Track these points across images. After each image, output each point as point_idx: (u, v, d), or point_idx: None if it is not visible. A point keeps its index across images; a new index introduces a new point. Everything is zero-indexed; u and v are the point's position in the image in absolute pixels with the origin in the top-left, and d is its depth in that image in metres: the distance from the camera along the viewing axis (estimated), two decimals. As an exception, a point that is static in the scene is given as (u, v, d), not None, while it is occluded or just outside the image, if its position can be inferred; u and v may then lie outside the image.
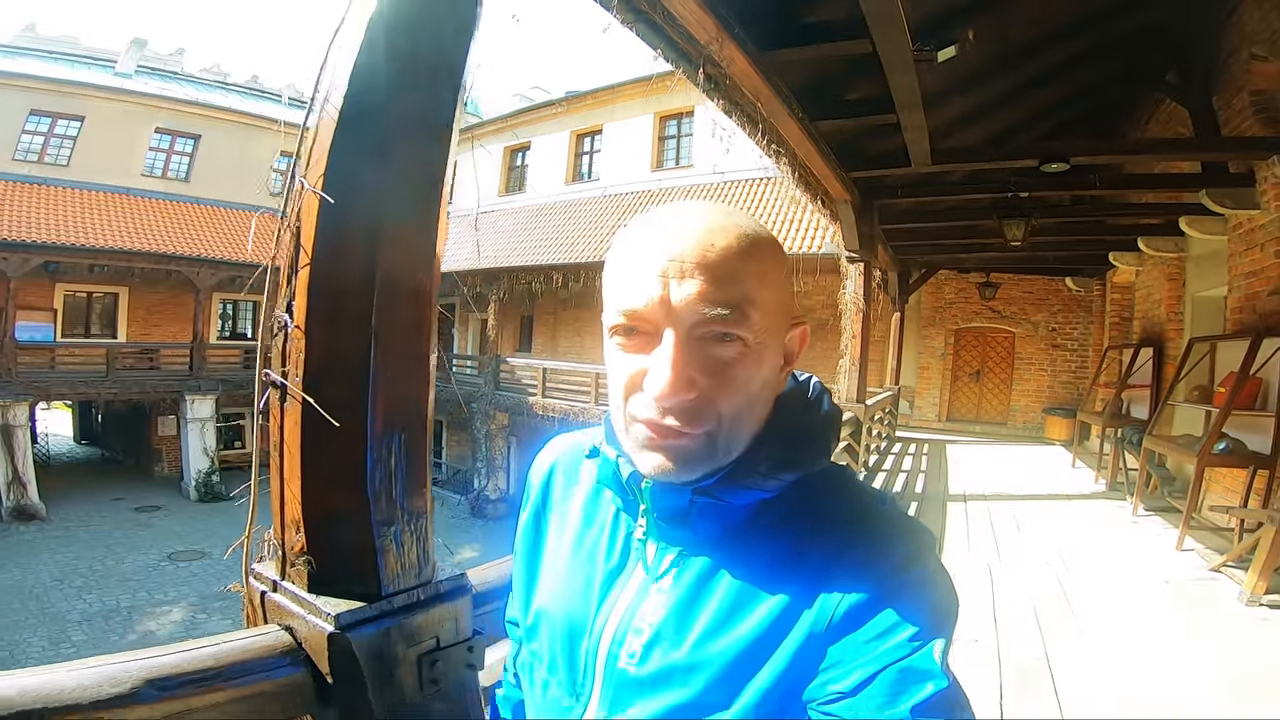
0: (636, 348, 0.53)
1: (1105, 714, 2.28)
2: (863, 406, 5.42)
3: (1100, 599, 3.36)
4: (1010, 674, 2.54)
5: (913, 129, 3.73)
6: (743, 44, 2.62)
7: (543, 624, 0.64)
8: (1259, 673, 2.60)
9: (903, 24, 2.63)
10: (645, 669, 0.55)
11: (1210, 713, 2.28)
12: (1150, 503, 5.04)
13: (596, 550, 0.63)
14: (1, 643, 8.08)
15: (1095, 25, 4.77)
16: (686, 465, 0.53)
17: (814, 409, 0.60)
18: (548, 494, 0.70)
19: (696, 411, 0.51)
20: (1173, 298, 6.19)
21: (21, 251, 12.52)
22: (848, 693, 0.48)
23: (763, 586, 0.53)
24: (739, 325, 0.50)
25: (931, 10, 3.20)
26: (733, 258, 0.50)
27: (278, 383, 0.85)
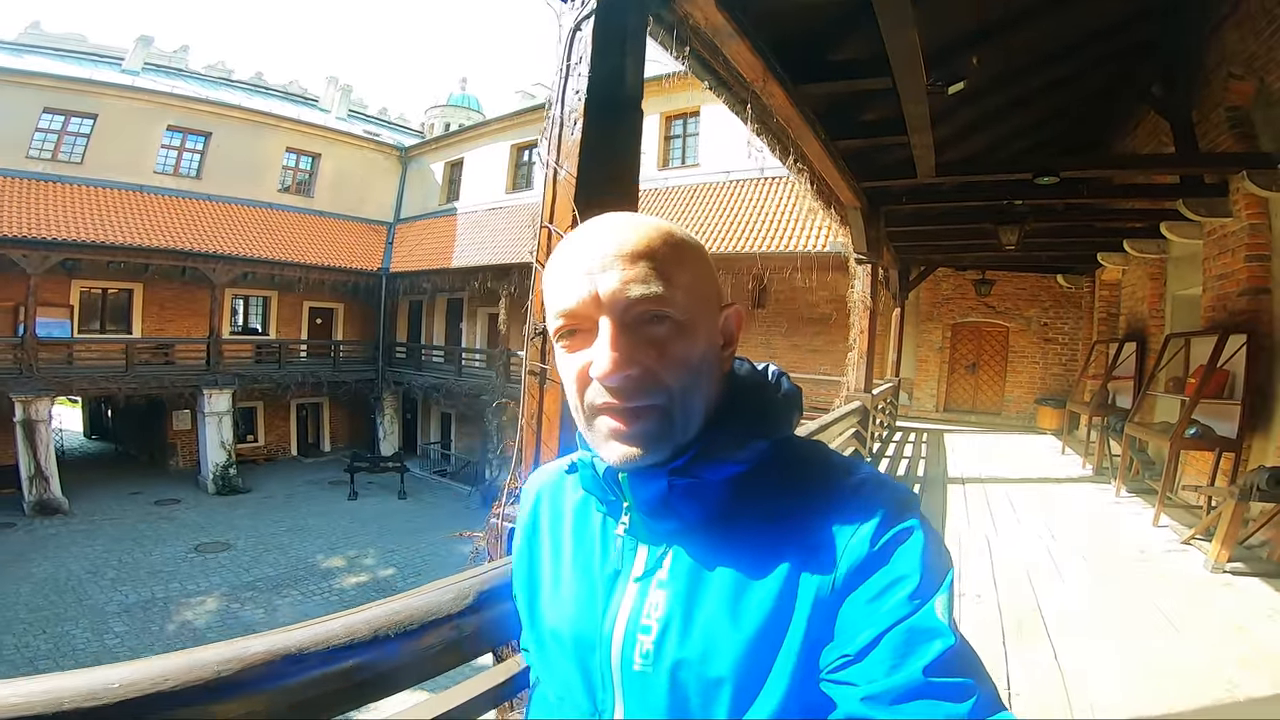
0: (579, 346, 0.57)
1: (1088, 653, 2.72)
2: (869, 395, 5.88)
3: (1084, 566, 3.82)
4: (1009, 623, 2.98)
5: (920, 147, 4.15)
6: (781, 80, 3.03)
7: (552, 647, 0.64)
8: (1219, 627, 3.05)
9: (921, 65, 3.05)
10: (661, 666, 0.55)
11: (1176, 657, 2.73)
12: (1132, 485, 5.52)
13: (591, 562, 0.64)
14: (47, 635, 8.38)
15: (1089, 45, 5.18)
16: (648, 444, 0.56)
17: (773, 388, 0.64)
18: (536, 524, 0.72)
19: (642, 386, 0.54)
20: (1155, 296, 6.67)
21: (43, 249, 12.82)
22: (854, 656, 0.49)
23: (759, 561, 0.55)
24: (664, 304, 0.54)
25: (943, 40, 3.62)
26: (650, 247, 0.55)
27: (537, 370, 1.26)
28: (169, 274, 15.37)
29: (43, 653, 7.95)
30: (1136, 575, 3.70)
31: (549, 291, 0.58)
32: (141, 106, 16.09)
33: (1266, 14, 4.46)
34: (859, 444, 5.73)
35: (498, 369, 14.61)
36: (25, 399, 12.48)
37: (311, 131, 19.15)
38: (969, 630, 2.45)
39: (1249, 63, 4.72)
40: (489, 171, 17.99)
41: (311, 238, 17.54)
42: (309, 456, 18.73)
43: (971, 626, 2.91)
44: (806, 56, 3.13)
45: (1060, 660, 2.62)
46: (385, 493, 15.45)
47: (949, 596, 0.51)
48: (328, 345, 18.33)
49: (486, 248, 15.52)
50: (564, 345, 0.58)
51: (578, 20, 1.40)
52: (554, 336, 0.58)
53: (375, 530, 12.98)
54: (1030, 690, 2.37)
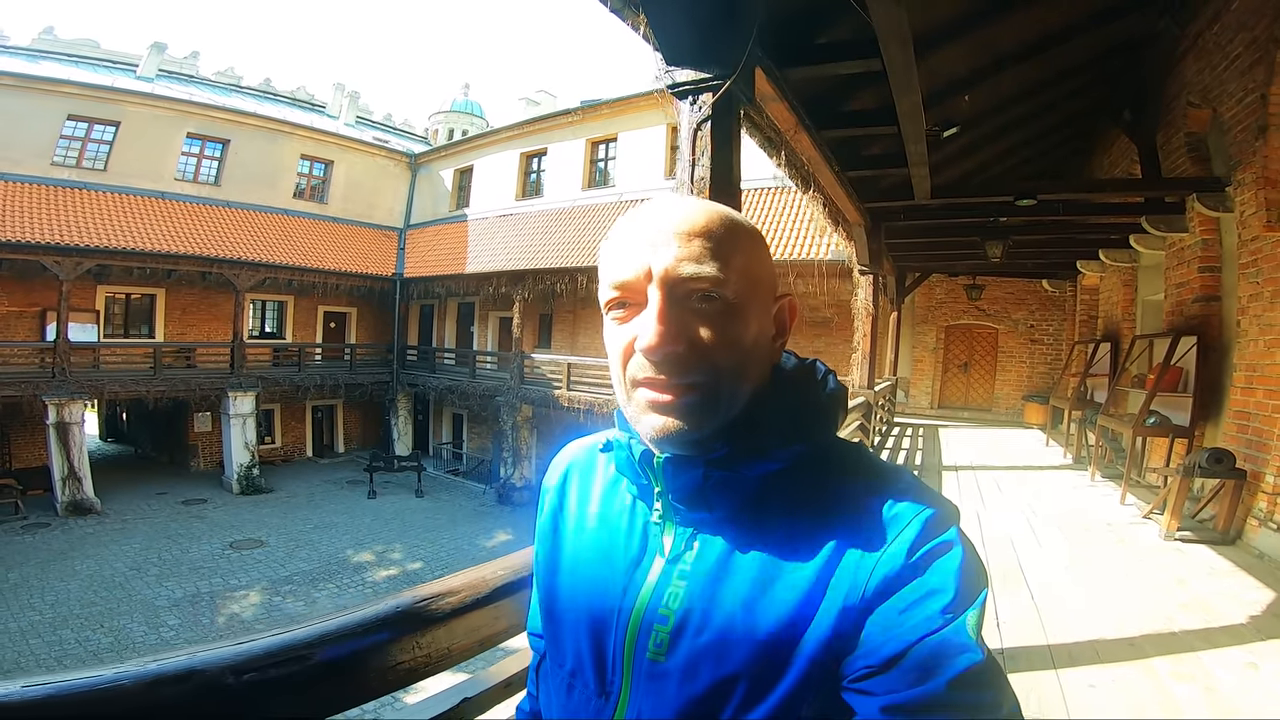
0: (629, 318, 0.56)
1: (1058, 596, 3.38)
2: (872, 392, 6.55)
3: (1058, 535, 4.48)
4: (995, 575, 3.62)
5: (918, 176, 4.81)
6: (808, 129, 3.69)
7: (567, 624, 0.64)
8: (1165, 580, 3.70)
9: (922, 115, 3.71)
10: (676, 656, 0.55)
11: (1128, 601, 3.39)
12: (1106, 471, 6.20)
13: (616, 543, 0.63)
14: (105, 628, 8.78)
15: (1067, 80, 5.87)
16: (689, 420, 0.55)
17: (820, 386, 0.62)
18: (564, 497, 0.71)
19: (688, 362, 0.54)
20: (1127, 300, 7.38)
21: (75, 255, 13.26)
22: (879, 667, 0.48)
23: (787, 561, 0.54)
24: (717, 284, 0.54)
25: (939, 84, 4.27)
26: (707, 228, 0.55)
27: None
28: (191, 279, 15.91)
29: (104, 646, 8.36)
30: (1101, 542, 4.37)
31: (604, 263, 0.58)
32: (162, 114, 16.51)
33: (1220, 50, 5.04)
34: (864, 435, 6.39)
35: (512, 371, 15.19)
36: (59, 402, 12.90)
37: (324, 139, 19.67)
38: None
39: (1205, 93, 5.33)
40: (499, 179, 18.57)
41: (327, 243, 18.07)
42: (324, 457, 19.25)
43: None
44: (828, 109, 3.78)
45: (1036, 600, 3.29)
46: (403, 491, 15.99)
47: (981, 613, 0.50)
48: (344, 349, 18.84)
49: (500, 254, 16.10)
50: (614, 317, 0.58)
51: (698, 123, 2.03)
52: (605, 308, 0.59)
53: (398, 527, 13.53)
54: (1012, 620, 3.03)
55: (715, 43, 2.06)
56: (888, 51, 2.88)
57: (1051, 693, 2.37)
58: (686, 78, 2.07)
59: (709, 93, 2.03)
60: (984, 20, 3.86)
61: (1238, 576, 3.62)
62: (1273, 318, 4.01)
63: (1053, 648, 2.76)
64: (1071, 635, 2.91)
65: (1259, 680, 2.47)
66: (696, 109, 2.04)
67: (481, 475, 17.31)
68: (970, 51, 4.20)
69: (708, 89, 2.04)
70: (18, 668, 7.69)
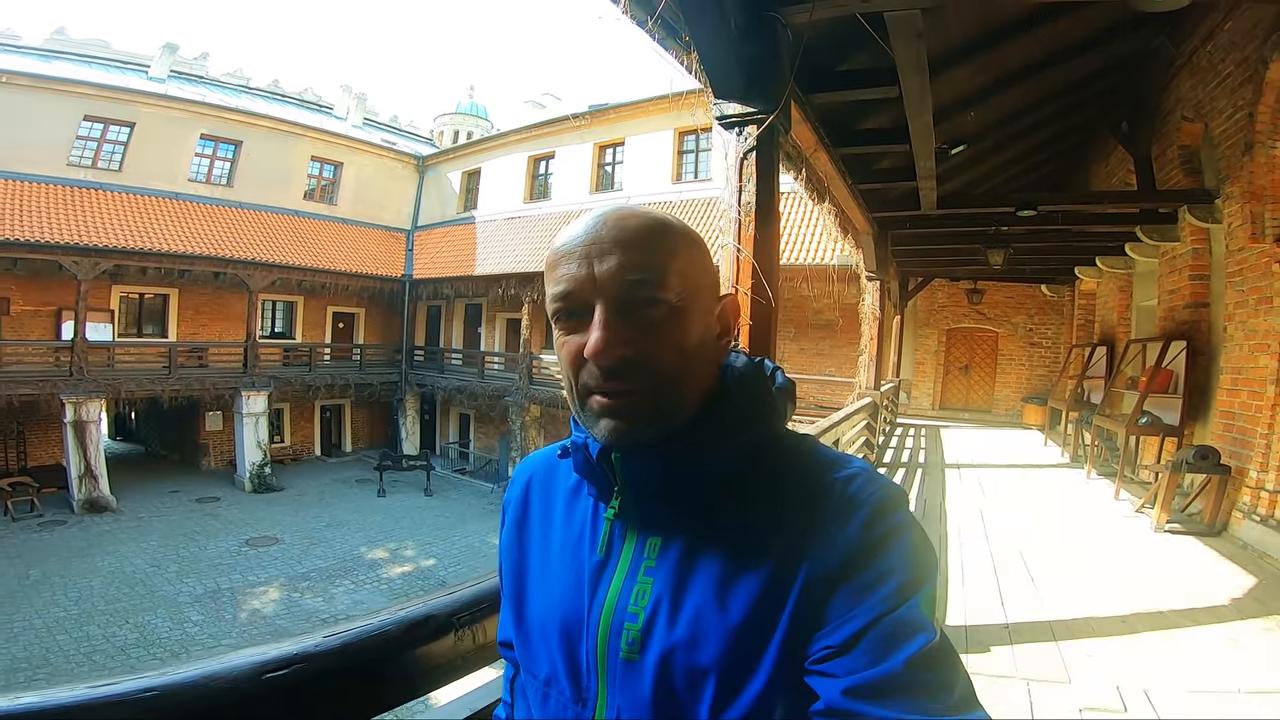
0: (576, 329, 0.58)
1: (1053, 577, 3.66)
2: (878, 393, 6.84)
3: (1056, 527, 4.77)
4: (998, 562, 3.91)
5: (925, 189, 5.11)
6: (827, 147, 3.98)
7: (537, 635, 0.64)
8: (1151, 564, 3.99)
9: (932, 134, 4.01)
10: (649, 653, 0.55)
11: (1116, 580, 3.67)
12: (1101, 469, 6.49)
13: (581, 548, 0.64)
14: (130, 624, 8.93)
15: (1068, 94, 6.15)
16: (636, 423, 0.56)
17: (768, 381, 0.64)
18: (527, 509, 0.71)
19: (636, 368, 0.55)
20: (1122, 305, 7.68)
21: (94, 255, 13.49)
22: (839, 647, 0.50)
23: (748, 551, 0.55)
24: (659, 288, 0.56)
25: (947, 101, 4.56)
26: (645, 234, 0.57)
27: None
28: (203, 279, 16.11)
29: (131, 641, 8.52)
30: (1094, 533, 4.67)
31: (549, 274, 0.59)
32: (176, 115, 16.70)
33: (1213, 67, 5.30)
34: (870, 433, 6.68)
35: (521, 372, 15.45)
36: (76, 400, 13.13)
37: (334, 140, 19.94)
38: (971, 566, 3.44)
39: (1197, 108, 5.60)
40: (507, 181, 18.85)
41: (337, 244, 18.32)
42: (332, 456, 19.50)
43: (970, 564, 3.85)
44: (844, 128, 4.07)
45: (1036, 584, 3.57)
46: (411, 490, 16.24)
47: (932, 592, 0.53)
48: (353, 349, 19.10)
49: (509, 256, 16.37)
50: (561, 328, 0.59)
51: (744, 152, 2.31)
52: (552, 319, 0.60)
53: (409, 525, 13.78)
54: (1012, 595, 3.33)
55: (759, 81, 2.34)
56: (905, 80, 3.17)
57: (1053, 660, 2.65)
58: (734, 111, 2.35)
59: (754, 125, 2.32)
60: (993, 43, 4.14)
61: (1222, 564, 3.90)
62: (1256, 324, 4.30)
63: (1053, 624, 3.04)
64: (1069, 614, 3.18)
65: (1238, 654, 2.75)
66: (743, 140, 2.32)
67: (489, 474, 17.57)
68: (978, 71, 4.48)
69: (752, 122, 2.33)
70: (46, 664, 7.84)
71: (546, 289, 0.60)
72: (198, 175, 17.20)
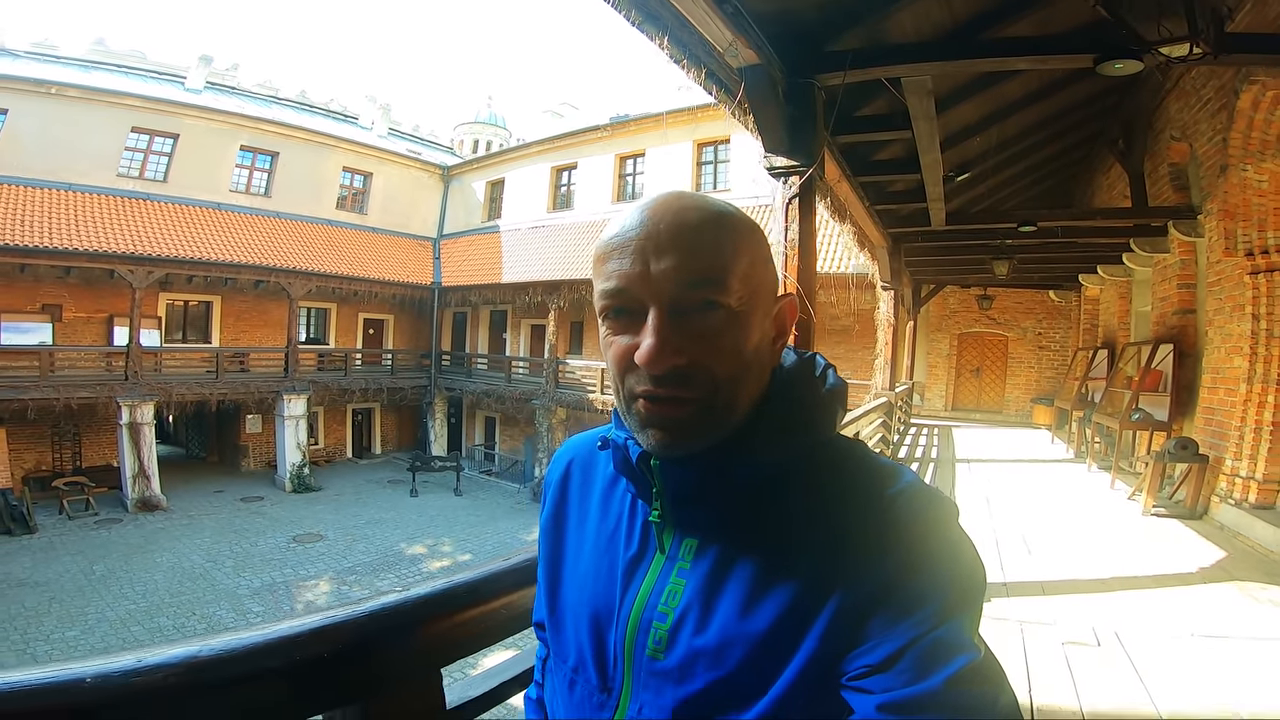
0: (626, 328, 0.55)
1: (1049, 551, 4.21)
2: (893, 394, 7.40)
3: (1054, 511, 5.33)
4: (1001, 539, 4.46)
5: (934, 209, 5.69)
6: (849, 177, 4.59)
7: (569, 621, 0.65)
8: (1137, 540, 4.53)
9: (940, 164, 4.60)
10: (674, 654, 0.55)
11: (1105, 553, 4.22)
12: (1101, 462, 7.01)
13: (616, 540, 0.63)
14: (198, 615, 9.51)
15: (1066, 116, 6.69)
16: (685, 436, 0.54)
17: (818, 382, 0.62)
18: (566, 493, 0.71)
19: (689, 377, 0.53)
20: (1122, 311, 8.20)
21: (148, 264, 14.27)
22: (877, 666, 0.48)
23: (785, 560, 0.54)
24: (719, 292, 0.53)
25: (953, 130, 5.14)
26: (706, 230, 0.53)
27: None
28: (244, 287, 16.91)
29: (200, 631, 8.76)
30: (1088, 516, 5.22)
31: (599, 266, 0.56)
32: (217, 127, 17.42)
33: (1196, 92, 5.75)
34: (885, 431, 7.24)
35: (547, 376, 16.10)
36: (132, 403, 13.93)
37: (364, 151, 20.71)
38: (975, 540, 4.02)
39: (1184, 129, 6.03)
40: (530, 191, 19.52)
41: (369, 253, 19.08)
42: (363, 458, 20.26)
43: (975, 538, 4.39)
44: (863, 160, 4.68)
45: (1033, 556, 4.14)
46: (441, 490, 16.92)
47: (978, 613, 0.51)
48: (385, 354, 19.87)
49: (534, 264, 17.04)
50: (609, 325, 0.56)
51: (789, 198, 2.91)
52: (600, 315, 0.57)
53: (443, 523, 14.44)
54: (1010, 561, 3.91)
55: (800, 138, 2.94)
56: (917, 125, 3.78)
57: (1042, 608, 3.22)
58: (781, 163, 2.95)
59: (797, 175, 2.92)
60: (993, 82, 4.72)
61: (1198, 542, 4.44)
62: (1231, 329, 4.85)
63: (1043, 583, 3.62)
64: (1057, 576, 3.76)
65: (1195, 609, 3.30)
66: (788, 187, 2.92)
67: (514, 475, 18.22)
68: (982, 104, 5.07)
69: (795, 172, 2.92)
70: None
71: (595, 283, 0.57)
72: (238, 185, 17.96)
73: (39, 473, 14.71)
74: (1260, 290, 4.60)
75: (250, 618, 9.57)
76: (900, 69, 3.12)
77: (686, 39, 2.61)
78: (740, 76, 2.79)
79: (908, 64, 3.09)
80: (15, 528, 12.41)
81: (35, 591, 9.88)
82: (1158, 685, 2.47)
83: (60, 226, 13.84)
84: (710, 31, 2.47)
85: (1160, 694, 2.41)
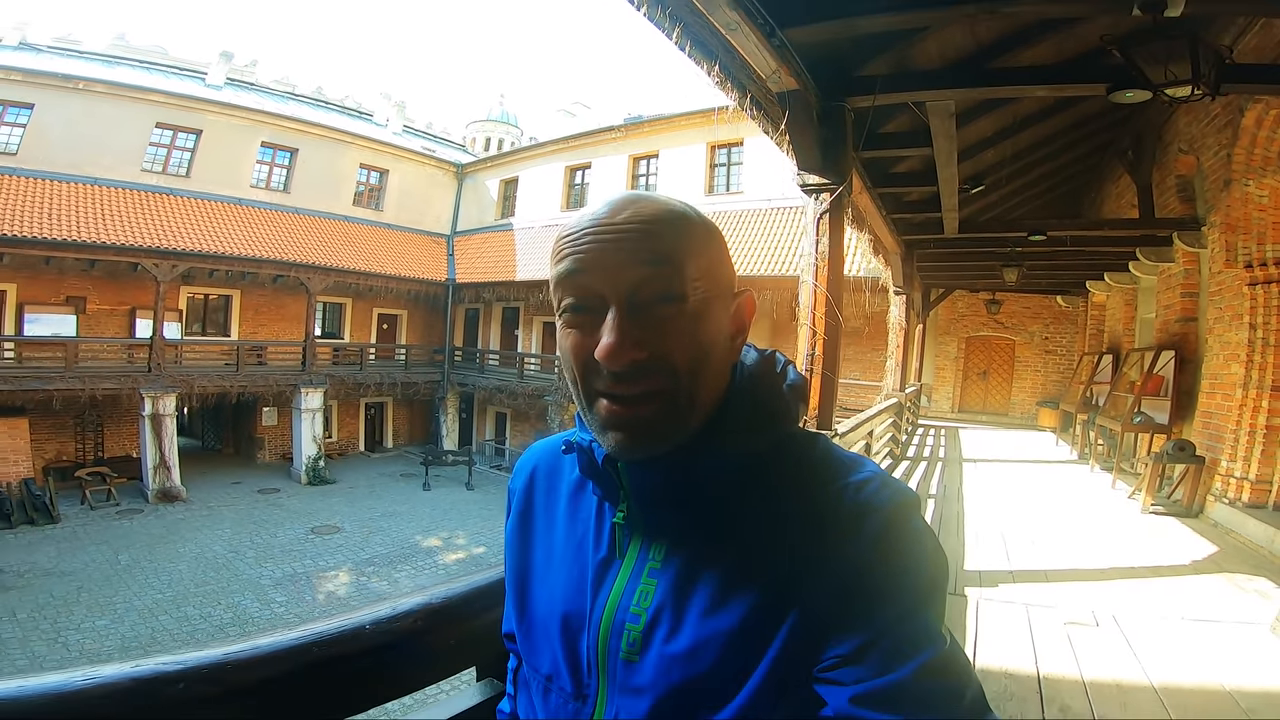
0: (582, 323, 0.55)
1: (1052, 542, 4.48)
2: (903, 394, 7.67)
3: (1057, 507, 5.59)
4: (1006, 531, 4.73)
5: (948, 219, 5.95)
6: (869, 189, 4.85)
7: (539, 628, 0.64)
8: (1135, 534, 4.79)
9: (956, 178, 4.86)
10: (648, 656, 0.55)
11: (1105, 545, 4.49)
12: (1104, 464, 7.26)
13: (585, 544, 0.63)
14: (222, 605, 9.73)
15: (1077, 128, 6.90)
16: (647, 438, 0.55)
17: (779, 378, 0.62)
18: (531, 500, 0.71)
19: (649, 369, 0.53)
20: (1128, 317, 8.45)
21: (173, 258, 14.55)
22: (848, 656, 0.49)
23: (754, 557, 0.55)
24: (674, 283, 0.53)
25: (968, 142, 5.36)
26: (660, 225, 0.54)
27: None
28: (263, 281, 17.16)
29: (227, 620, 9.25)
30: (1089, 513, 5.50)
31: (556, 261, 0.56)
32: (238, 123, 17.69)
33: (1204, 107, 5.74)
34: (895, 430, 7.51)
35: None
36: (155, 395, 14.19)
37: (380, 148, 21.01)
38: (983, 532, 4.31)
39: (1192, 142, 6.23)
40: (544, 190, 19.82)
41: (385, 248, 19.37)
42: (375, 452, 20.56)
43: (982, 531, 4.67)
44: (883, 173, 4.95)
45: (1034, 542, 4.42)
46: (453, 484, 17.19)
47: (943, 602, 0.53)
48: (399, 349, 20.16)
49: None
50: (567, 321, 0.56)
51: (820, 213, 3.18)
52: (557, 310, 0.57)
53: (456, 516, 14.73)
54: (1016, 551, 4.19)
55: (831, 157, 3.21)
56: (937, 142, 4.05)
57: (1045, 593, 3.49)
58: (813, 181, 3.22)
59: (827, 193, 3.19)
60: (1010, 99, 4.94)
61: (1193, 538, 4.71)
62: (1230, 337, 5.11)
63: (1046, 571, 3.89)
64: (1059, 565, 4.03)
65: (1186, 596, 3.55)
66: (820, 204, 3.19)
67: (525, 470, 18.45)
68: (998, 119, 5.32)
69: (826, 190, 3.20)
70: (155, 642, 8.50)
71: (552, 277, 0.57)
72: (258, 181, 18.25)
73: (59, 463, 14.94)
74: (1258, 301, 4.85)
75: (274, 607, 9.83)
76: (926, 94, 3.39)
77: (733, 67, 2.88)
78: (779, 101, 3.07)
79: (932, 90, 3.36)
80: (38, 517, 12.61)
81: (63, 581, 10.03)
82: (1150, 660, 2.75)
83: (87, 220, 14.06)
84: (757, 61, 2.74)
85: (1153, 668, 2.68)
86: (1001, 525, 4.87)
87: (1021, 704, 2.39)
